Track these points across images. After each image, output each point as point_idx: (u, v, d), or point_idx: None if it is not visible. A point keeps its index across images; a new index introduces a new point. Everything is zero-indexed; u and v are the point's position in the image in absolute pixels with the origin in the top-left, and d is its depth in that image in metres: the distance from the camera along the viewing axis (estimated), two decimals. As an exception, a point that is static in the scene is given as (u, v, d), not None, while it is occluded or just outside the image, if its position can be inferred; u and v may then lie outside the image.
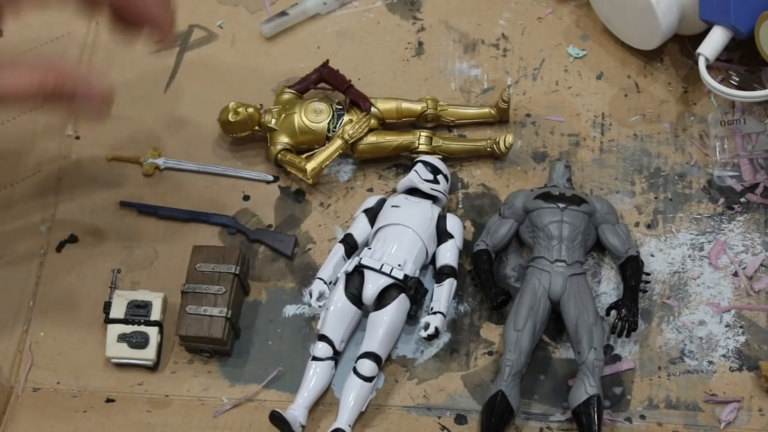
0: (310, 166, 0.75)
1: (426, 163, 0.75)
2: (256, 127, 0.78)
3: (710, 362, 0.71)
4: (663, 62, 0.82)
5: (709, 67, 0.75)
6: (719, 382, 0.71)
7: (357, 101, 0.77)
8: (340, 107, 0.78)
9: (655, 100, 0.81)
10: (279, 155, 0.77)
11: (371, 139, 0.77)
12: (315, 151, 0.76)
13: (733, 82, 0.79)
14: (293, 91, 0.79)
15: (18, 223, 0.78)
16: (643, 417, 0.70)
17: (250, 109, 0.77)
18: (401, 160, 0.79)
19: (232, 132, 0.78)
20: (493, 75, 0.82)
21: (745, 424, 0.69)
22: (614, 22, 0.81)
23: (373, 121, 0.77)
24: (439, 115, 0.79)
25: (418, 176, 0.74)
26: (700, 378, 0.71)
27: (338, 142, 0.76)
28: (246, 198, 0.78)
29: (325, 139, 0.77)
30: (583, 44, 0.83)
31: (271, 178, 0.79)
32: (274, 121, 0.77)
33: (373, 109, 0.78)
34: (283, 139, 0.77)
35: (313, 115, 0.77)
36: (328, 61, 0.80)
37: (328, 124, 0.77)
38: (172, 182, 0.79)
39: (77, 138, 0.81)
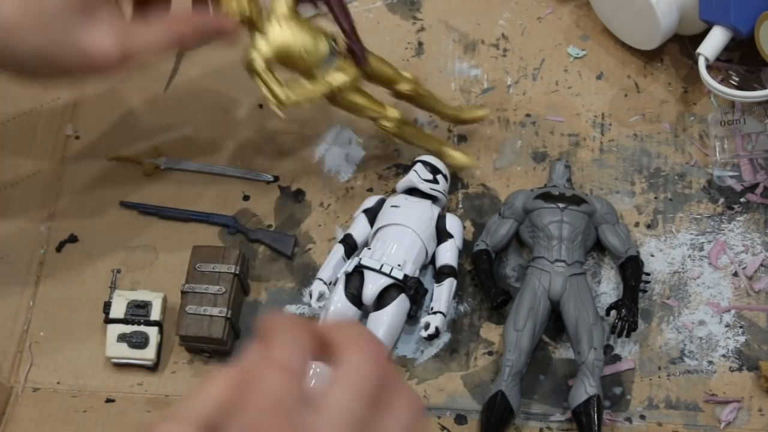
0: (294, 95, 0.64)
1: (425, 163, 0.75)
2: (246, 14, 0.64)
3: (710, 362, 0.71)
4: (663, 62, 0.82)
5: (709, 67, 0.75)
6: (719, 382, 0.71)
7: (355, 53, 0.68)
8: (334, 46, 0.67)
9: (655, 100, 0.81)
10: (258, 63, 0.64)
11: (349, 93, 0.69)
12: (295, 82, 0.66)
13: (733, 82, 0.79)
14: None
15: (18, 223, 0.78)
16: (643, 417, 0.70)
17: None
18: (401, 160, 0.79)
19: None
20: (493, 75, 0.82)
21: (745, 424, 0.69)
22: (614, 22, 0.81)
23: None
24: (416, 96, 0.73)
25: (417, 176, 0.74)
26: (700, 378, 0.71)
27: (326, 87, 0.66)
28: (246, 198, 0.78)
29: (311, 74, 0.66)
30: (583, 44, 0.83)
31: (271, 178, 0.79)
32: (267, 20, 0.65)
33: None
34: (267, 48, 0.65)
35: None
36: None
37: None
38: (172, 182, 0.79)
39: (77, 138, 0.81)
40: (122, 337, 0.71)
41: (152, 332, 0.71)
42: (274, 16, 0.64)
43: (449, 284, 0.72)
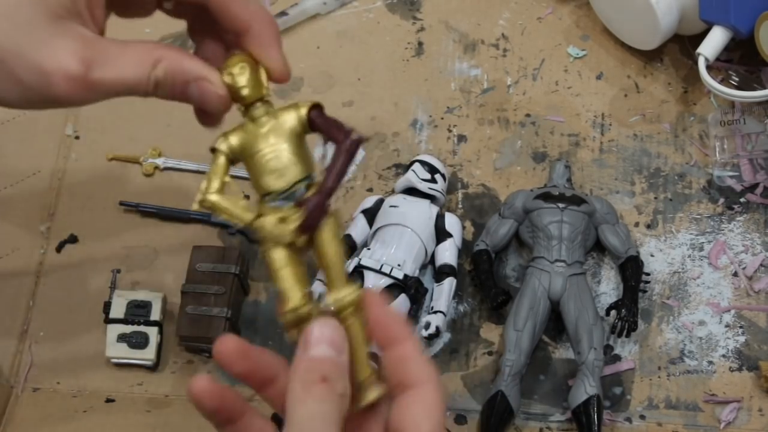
0: (211, 197, 0.48)
1: (423, 163, 0.75)
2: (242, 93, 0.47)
3: (710, 362, 0.71)
4: (663, 62, 0.82)
5: (709, 67, 0.75)
6: (719, 382, 0.71)
7: (307, 213, 0.46)
8: (302, 190, 0.47)
9: (655, 100, 0.81)
10: (222, 155, 0.50)
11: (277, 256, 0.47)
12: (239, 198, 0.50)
13: (733, 82, 0.79)
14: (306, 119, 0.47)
15: (18, 223, 0.78)
16: (643, 417, 0.70)
17: (248, 70, 0.47)
18: (400, 160, 0.79)
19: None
20: (493, 75, 0.82)
21: (745, 424, 0.69)
22: (614, 22, 0.81)
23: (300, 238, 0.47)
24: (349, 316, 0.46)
25: (415, 176, 0.74)
26: (700, 378, 0.71)
27: (246, 221, 0.48)
28: (246, 198, 0.78)
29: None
30: (583, 44, 0.83)
31: (271, 178, 0.78)
32: (262, 116, 0.48)
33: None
34: (234, 144, 0.49)
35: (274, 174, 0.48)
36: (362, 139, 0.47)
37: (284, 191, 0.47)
38: (172, 182, 0.79)
39: (77, 138, 0.81)
40: (122, 337, 0.71)
41: (152, 332, 0.71)
42: (272, 117, 0.48)
43: (449, 283, 0.72)
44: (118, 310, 0.72)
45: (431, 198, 0.74)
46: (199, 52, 0.51)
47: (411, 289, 0.70)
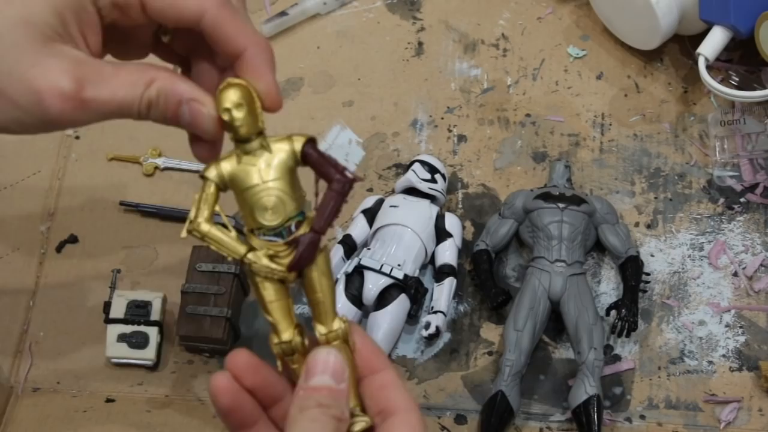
0: (201, 226, 0.47)
1: (423, 163, 0.75)
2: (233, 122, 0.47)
3: (710, 362, 0.71)
4: (663, 62, 0.82)
5: (709, 67, 0.75)
6: (719, 382, 0.71)
7: (298, 250, 0.47)
8: (291, 227, 0.47)
9: (655, 100, 0.81)
10: (212, 183, 0.48)
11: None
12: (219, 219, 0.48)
13: (733, 82, 0.79)
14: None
15: (18, 223, 0.78)
16: (643, 417, 0.70)
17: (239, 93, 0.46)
18: (400, 160, 0.79)
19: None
20: (493, 75, 0.82)
21: (745, 424, 0.69)
22: (614, 22, 0.81)
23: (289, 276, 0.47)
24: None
25: (416, 176, 0.74)
26: (700, 378, 0.71)
27: (237, 252, 0.47)
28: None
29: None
30: (583, 44, 0.83)
31: (271, 178, 0.78)
32: (256, 149, 0.47)
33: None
34: (225, 173, 0.48)
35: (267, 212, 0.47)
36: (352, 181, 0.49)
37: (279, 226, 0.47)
38: (172, 182, 0.79)
39: (77, 138, 0.81)
40: (122, 337, 0.71)
41: (152, 332, 0.71)
42: (265, 149, 0.48)
43: (449, 283, 0.72)
44: (118, 310, 0.72)
45: (431, 198, 0.74)
46: (193, 76, 0.52)
47: (411, 289, 0.70)
